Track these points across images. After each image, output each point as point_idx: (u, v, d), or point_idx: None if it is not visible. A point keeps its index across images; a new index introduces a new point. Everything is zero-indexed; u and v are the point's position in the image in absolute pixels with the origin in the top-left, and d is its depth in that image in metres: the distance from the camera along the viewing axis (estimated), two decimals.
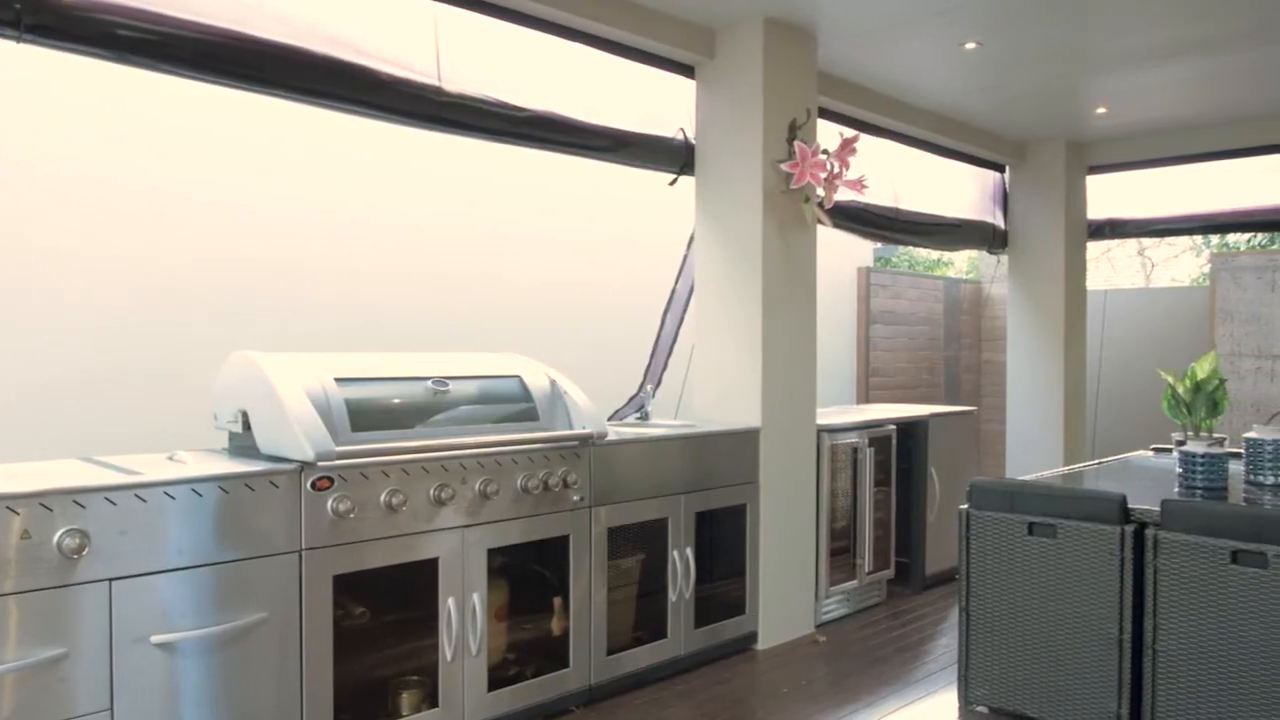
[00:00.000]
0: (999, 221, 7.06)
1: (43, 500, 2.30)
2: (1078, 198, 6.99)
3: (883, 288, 7.84)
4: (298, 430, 2.75)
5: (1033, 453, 6.89)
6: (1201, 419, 3.85)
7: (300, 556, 2.77)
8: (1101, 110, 6.02)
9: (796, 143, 4.32)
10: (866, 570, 5.00)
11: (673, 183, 4.64)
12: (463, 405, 3.32)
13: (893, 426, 5.21)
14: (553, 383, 3.59)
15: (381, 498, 2.94)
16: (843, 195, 4.50)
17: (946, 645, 4.43)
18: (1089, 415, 7.74)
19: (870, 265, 7.84)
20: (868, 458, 4.97)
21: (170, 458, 2.85)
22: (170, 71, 3.10)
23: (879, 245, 8.41)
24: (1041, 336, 6.95)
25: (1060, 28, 4.52)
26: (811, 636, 4.57)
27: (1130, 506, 3.31)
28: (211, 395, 3.12)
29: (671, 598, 3.94)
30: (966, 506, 3.66)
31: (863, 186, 4.48)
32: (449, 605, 3.13)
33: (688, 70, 4.55)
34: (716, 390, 4.49)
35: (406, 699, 3.09)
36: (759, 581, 4.34)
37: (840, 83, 5.20)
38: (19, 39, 2.74)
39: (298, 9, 3.31)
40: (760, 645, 4.36)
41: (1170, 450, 4.76)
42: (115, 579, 2.41)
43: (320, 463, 2.76)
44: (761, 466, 4.32)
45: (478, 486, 3.20)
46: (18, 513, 2.26)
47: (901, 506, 5.37)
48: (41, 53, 2.90)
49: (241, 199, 4.24)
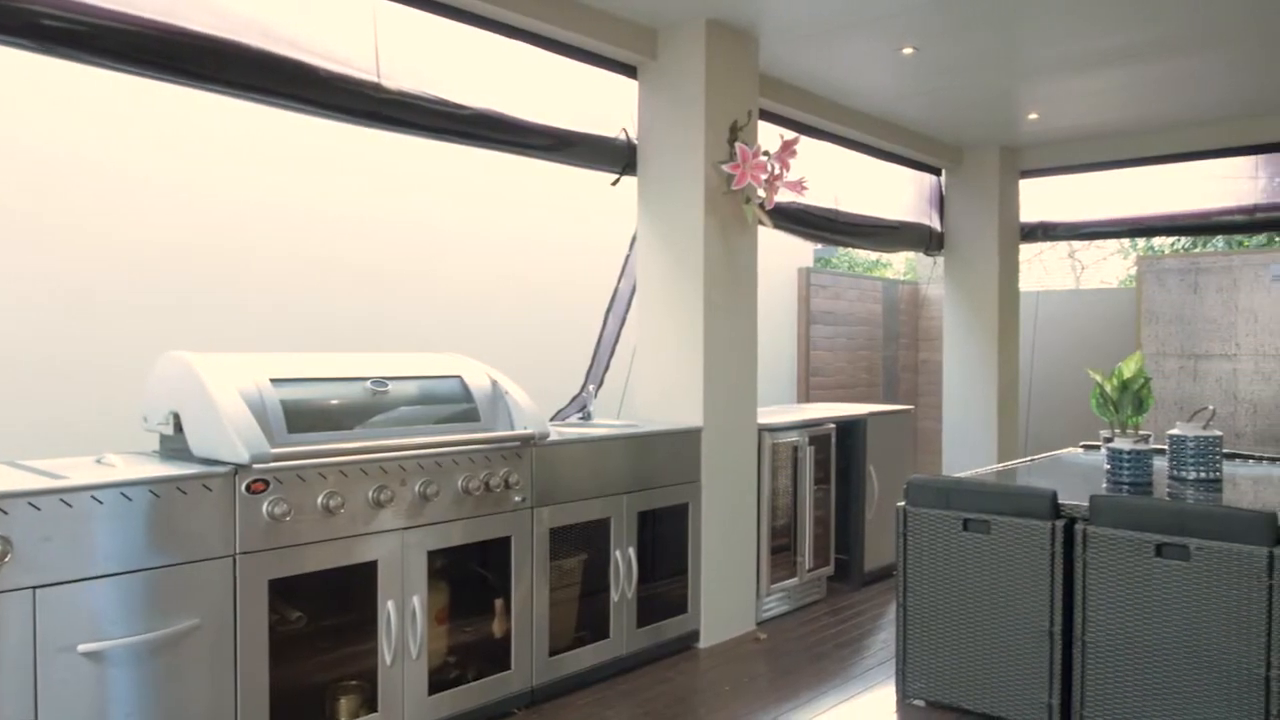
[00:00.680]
0: (935, 224, 7.20)
1: None
2: (1011, 201, 7.16)
3: (823, 288, 7.94)
4: (231, 432, 2.69)
5: (968, 450, 7.04)
6: (1128, 417, 3.97)
7: (234, 561, 2.71)
8: (1034, 116, 6.18)
9: (738, 144, 4.35)
10: (807, 567, 5.05)
11: (615, 183, 4.65)
12: (402, 406, 3.28)
13: (832, 425, 5.27)
14: (494, 383, 3.57)
15: (319, 500, 2.90)
16: (783, 196, 4.55)
17: (885, 640, 4.50)
18: (1022, 413, 7.92)
19: (810, 266, 7.93)
20: (808, 456, 5.03)
21: (98, 461, 2.78)
22: (98, 64, 3.01)
23: (819, 246, 8.52)
24: (976, 336, 7.10)
25: (994, 36, 4.62)
26: (753, 634, 4.61)
27: (1060, 502, 3.40)
28: (142, 397, 3.04)
29: (614, 598, 3.94)
30: (903, 504, 3.72)
31: (803, 188, 4.53)
32: (388, 608, 3.10)
33: (630, 70, 4.56)
34: (658, 390, 4.50)
35: (345, 704, 3.05)
36: (701, 580, 4.36)
37: (781, 85, 5.25)
38: None
39: (232, 2, 3.24)
40: (702, 643, 4.38)
41: (1099, 447, 4.90)
42: (39, 586, 2.33)
43: (255, 465, 2.71)
44: (703, 466, 4.35)
45: (418, 488, 3.16)
46: None
47: (841, 504, 5.44)
48: None
49: (168, 195, 4.14)
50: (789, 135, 4.54)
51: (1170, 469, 4.02)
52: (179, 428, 2.87)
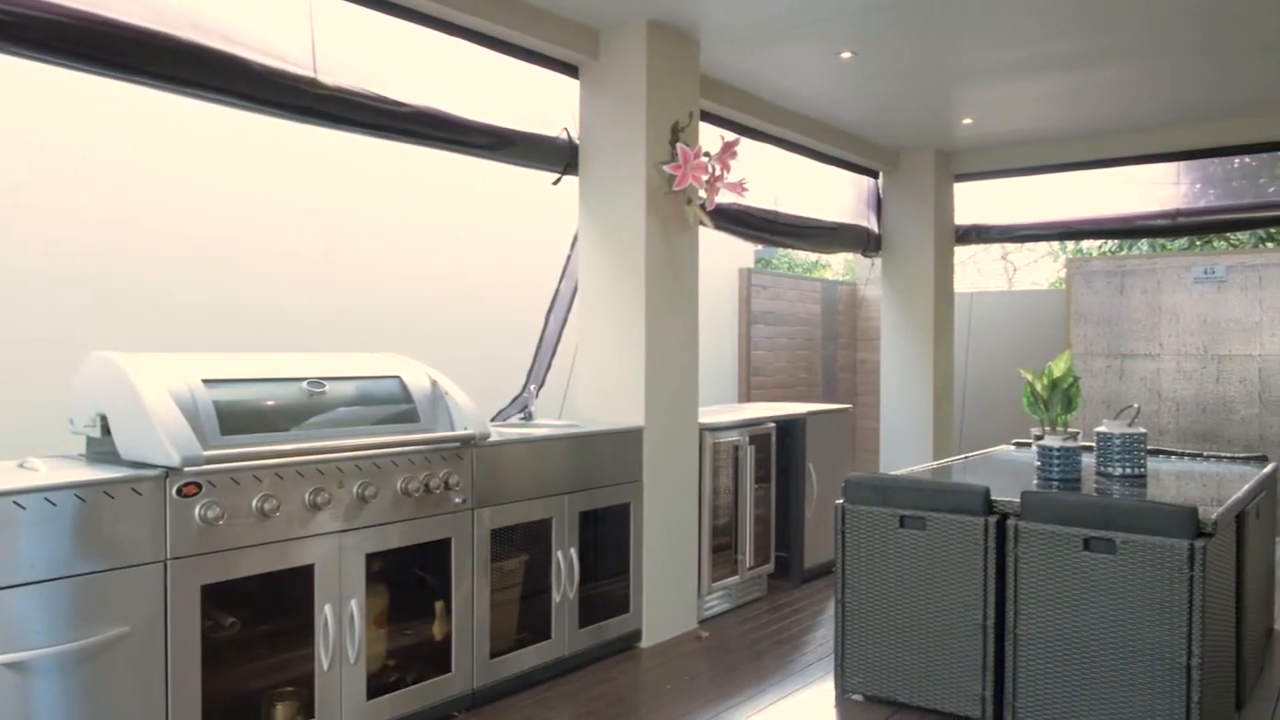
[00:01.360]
0: (873, 225, 7.31)
1: None
2: (946, 204, 7.30)
3: (763, 289, 8.01)
4: (161, 434, 2.62)
5: (905, 448, 7.17)
6: (1058, 415, 4.07)
7: (165, 567, 2.65)
8: (968, 121, 6.31)
9: (679, 145, 4.37)
10: (747, 565, 5.10)
11: (556, 182, 4.63)
12: (340, 407, 3.23)
13: (772, 424, 5.33)
14: (434, 383, 3.54)
15: (253, 503, 2.84)
16: (724, 197, 4.58)
17: (824, 637, 4.56)
18: (956, 411, 8.09)
19: (751, 267, 8.00)
20: (748, 455, 5.07)
21: (21, 465, 2.68)
22: (19, 54, 2.91)
23: (759, 247, 8.59)
24: (913, 336, 7.23)
25: (929, 42, 4.71)
26: (694, 632, 4.63)
27: (993, 499, 3.47)
28: (67, 398, 2.95)
29: (556, 598, 3.93)
30: (842, 501, 3.77)
31: (743, 189, 4.57)
32: (325, 613, 3.05)
33: (572, 70, 4.54)
34: (600, 390, 4.50)
35: (281, 711, 2.99)
36: (642, 579, 4.37)
37: (722, 86, 5.29)
38: None
39: None
40: (644, 643, 4.39)
41: (1030, 444, 5.02)
42: None
43: (187, 468, 2.65)
44: (645, 465, 4.36)
45: (355, 490, 3.12)
46: None
47: (781, 502, 5.50)
48: None
49: (95, 189, 4.02)
50: (730, 137, 4.57)
51: (1098, 465, 4.14)
52: (107, 430, 2.79)
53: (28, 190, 3.80)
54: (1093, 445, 4.25)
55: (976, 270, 15.71)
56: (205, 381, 2.88)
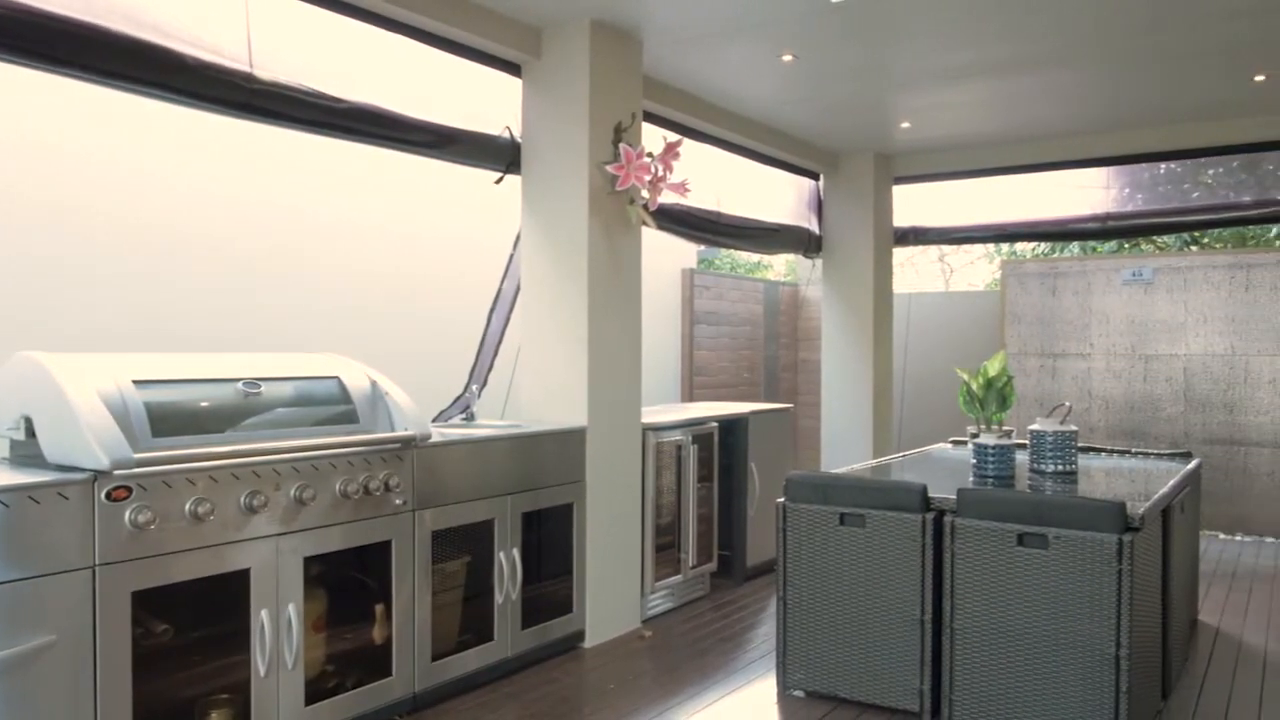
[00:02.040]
0: (814, 227, 7.40)
1: None
2: (885, 206, 7.42)
3: (706, 289, 8.05)
4: (89, 437, 2.55)
5: (845, 447, 7.26)
6: (992, 413, 4.16)
7: (94, 573, 2.57)
8: (906, 125, 6.42)
9: (622, 145, 4.37)
10: (690, 564, 5.12)
11: (499, 181, 4.61)
12: (277, 408, 3.17)
13: (715, 424, 5.36)
14: (373, 384, 3.49)
15: (187, 507, 2.77)
16: (667, 198, 4.59)
17: (766, 634, 4.60)
18: (895, 410, 8.22)
19: (694, 267, 8.03)
20: (691, 455, 5.09)
21: None
22: None
23: (702, 247, 8.63)
24: (853, 336, 7.33)
25: (867, 47, 4.78)
26: (638, 632, 4.64)
27: (930, 496, 3.54)
28: None
29: (498, 599, 3.91)
30: (783, 500, 3.81)
31: (686, 190, 4.59)
32: (262, 618, 2.99)
33: (514, 69, 4.52)
34: (543, 390, 4.48)
35: (216, 718, 2.93)
36: (586, 580, 4.37)
37: (665, 88, 5.30)
38: None
39: None
40: (588, 643, 4.39)
41: (966, 442, 5.13)
42: None
43: (116, 471, 2.58)
44: (588, 465, 4.35)
45: (293, 492, 3.06)
46: None
47: (724, 501, 5.53)
48: None
49: (11, 183, 3.88)
50: (672, 137, 4.59)
51: (1031, 462, 4.24)
52: (31, 433, 2.70)
53: None
54: (1026, 443, 4.35)
55: (915, 272, 15.97)
56: (136, 382, 2.81)
